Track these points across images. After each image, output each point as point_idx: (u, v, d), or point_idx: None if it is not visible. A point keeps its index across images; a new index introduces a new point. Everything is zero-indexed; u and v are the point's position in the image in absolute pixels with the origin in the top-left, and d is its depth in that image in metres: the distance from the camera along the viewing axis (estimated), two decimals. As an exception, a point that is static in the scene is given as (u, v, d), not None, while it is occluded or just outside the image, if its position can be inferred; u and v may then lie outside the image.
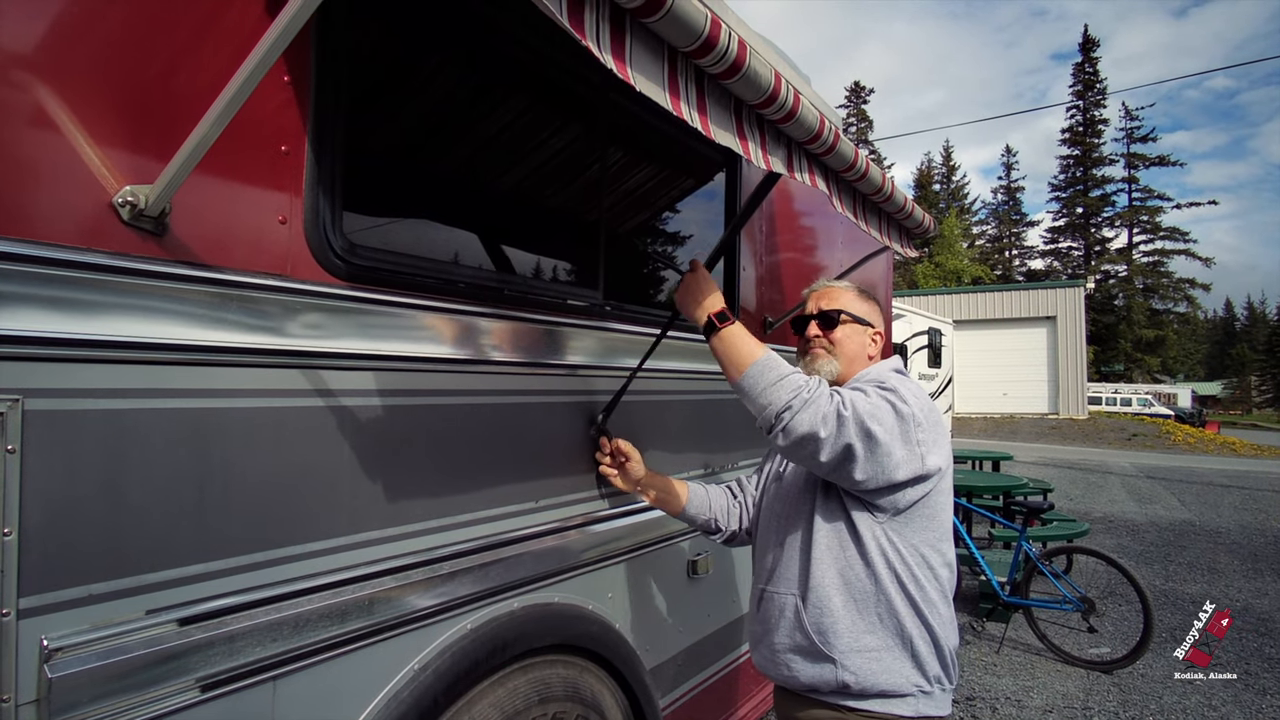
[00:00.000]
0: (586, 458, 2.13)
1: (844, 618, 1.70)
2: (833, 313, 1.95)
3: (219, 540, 1.25)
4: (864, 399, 1.64)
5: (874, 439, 1.59)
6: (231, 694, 1.26)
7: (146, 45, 1.17)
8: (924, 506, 1.71)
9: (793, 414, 1.57)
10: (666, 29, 1.44)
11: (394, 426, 1.56)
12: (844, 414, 1.58)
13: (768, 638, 1.84)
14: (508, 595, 1.82)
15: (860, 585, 1.70)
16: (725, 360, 1.73)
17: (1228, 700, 4.52)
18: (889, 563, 1.69)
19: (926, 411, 1.71)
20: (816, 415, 1.56)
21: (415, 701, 1.56)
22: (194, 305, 1.22)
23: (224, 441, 1.25)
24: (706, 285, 1.86)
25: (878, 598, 1.69)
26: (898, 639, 1.68)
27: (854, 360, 1.93)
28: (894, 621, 1.68)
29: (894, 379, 1.79)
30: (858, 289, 2.03)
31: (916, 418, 1.66)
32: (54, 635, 1.05)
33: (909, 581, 1.70)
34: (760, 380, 1.64)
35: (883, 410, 1.63)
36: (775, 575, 1.85)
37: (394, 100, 1.78)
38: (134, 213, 1.13)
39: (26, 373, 1.02)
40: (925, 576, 1.71)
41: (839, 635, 1.69)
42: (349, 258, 1.48)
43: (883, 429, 1.60)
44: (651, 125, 2.47)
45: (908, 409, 1.66)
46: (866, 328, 1.97)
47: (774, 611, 1.82)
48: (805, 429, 1.57)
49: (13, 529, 1.01)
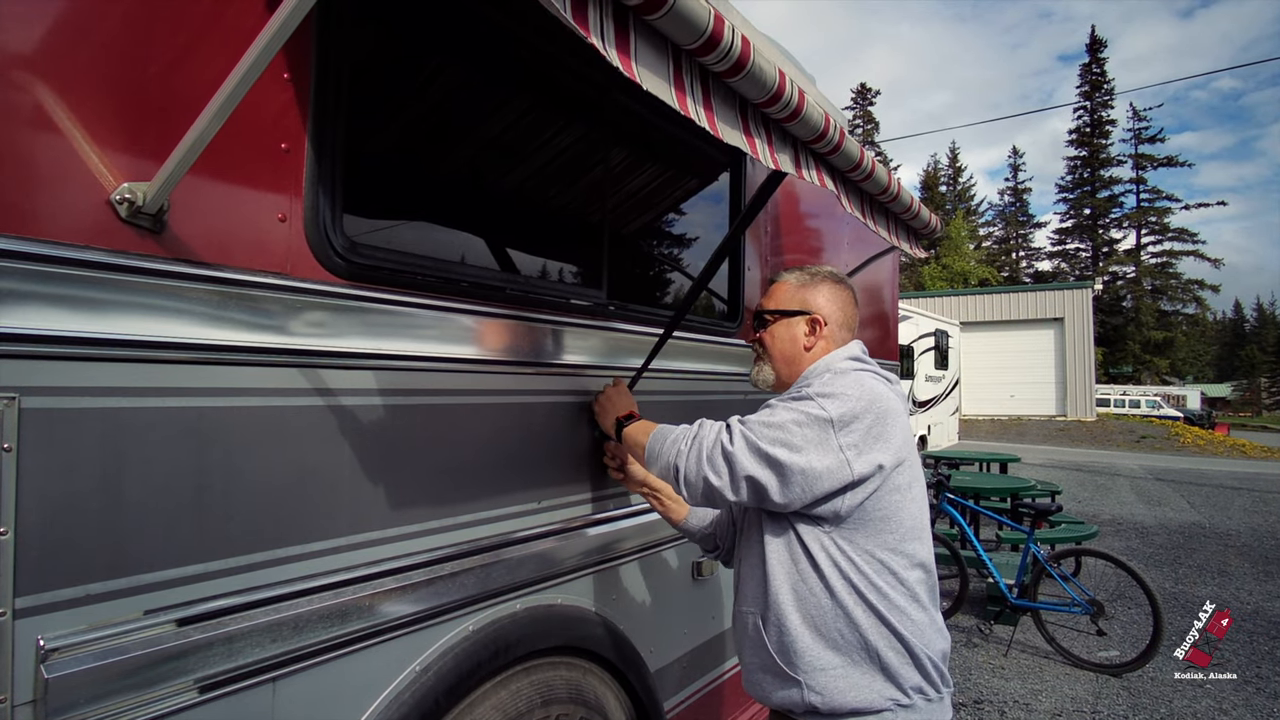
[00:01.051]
0: (590, 458, 2.12)
1: (802, 635, 1.60)
2: (763, 313, 1.87)
3: (218, 540, 1.24)
4: (761, 423, 1.56)
5: (777, 462, 1.51)
6: (230, 695, 1.25)
7: (144, 41, 1.16)
8: (873, 510, 1.58)
9: (682, 470, 1.58)
10: (669, 26, 1.43)
11: (394, 426, 1.55)
12: (730, 449, 1.53)
13: (743, 656, 1.77)
14: (510, 596, 1.81)
15: (815, 600, 1.59)
16: (634, 452, 1.78)
17: (1239, 704, 4.48)
18: (843, 573, 1.58)
19: (862, 409, 1.57)
20: (701, 462, 1.57)
21: (416, 703, 1.54)
22: (192, 303, 1.21)
23: (222, 441, 1.25)
24: (620, 396, 1.95)
25: (835, 611, 1.58)
26: (863, 653, 1.57)
27: (788, 359, 1.82)
28: (856, 635, 1.57)
29: (834, 378, 1.65)
30: (801, 273, 1.89)
31: (841, 420, 1.54)
32: (51, 635, 1.04)
33: (868, 590, 1.58)
34: (655, 453, 1.67)
35: (787, 428, 1.53)
36: (740, 592, 1.78)
37: (395, 98, 1.77)
38: (132, 210, 1.12)
39: (23, 370, 1.02)
40: (887, 583, 1.59)
41: (799, 654, 1.59)
42: (349, 256, 1.47)
43: (786, 450, 1.51)
44: (655, 125, 2.46)
45: (826, 414, 1.54)
46: (799, 317, 1.82)
47: (742, 630, 1.76)
48: (695, 478, 1.57)
49: (9, 528, 1.00)
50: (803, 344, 1.81)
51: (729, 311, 2.92)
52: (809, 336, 1.82)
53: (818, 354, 1.80)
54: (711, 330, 2.72)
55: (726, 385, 2.79)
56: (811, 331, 1.81)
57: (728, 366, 2.79)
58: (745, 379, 2.86)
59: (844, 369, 1.71)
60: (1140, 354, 50.31)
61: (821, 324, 1.81)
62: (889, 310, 4.79)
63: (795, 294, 1.85)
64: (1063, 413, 28.35)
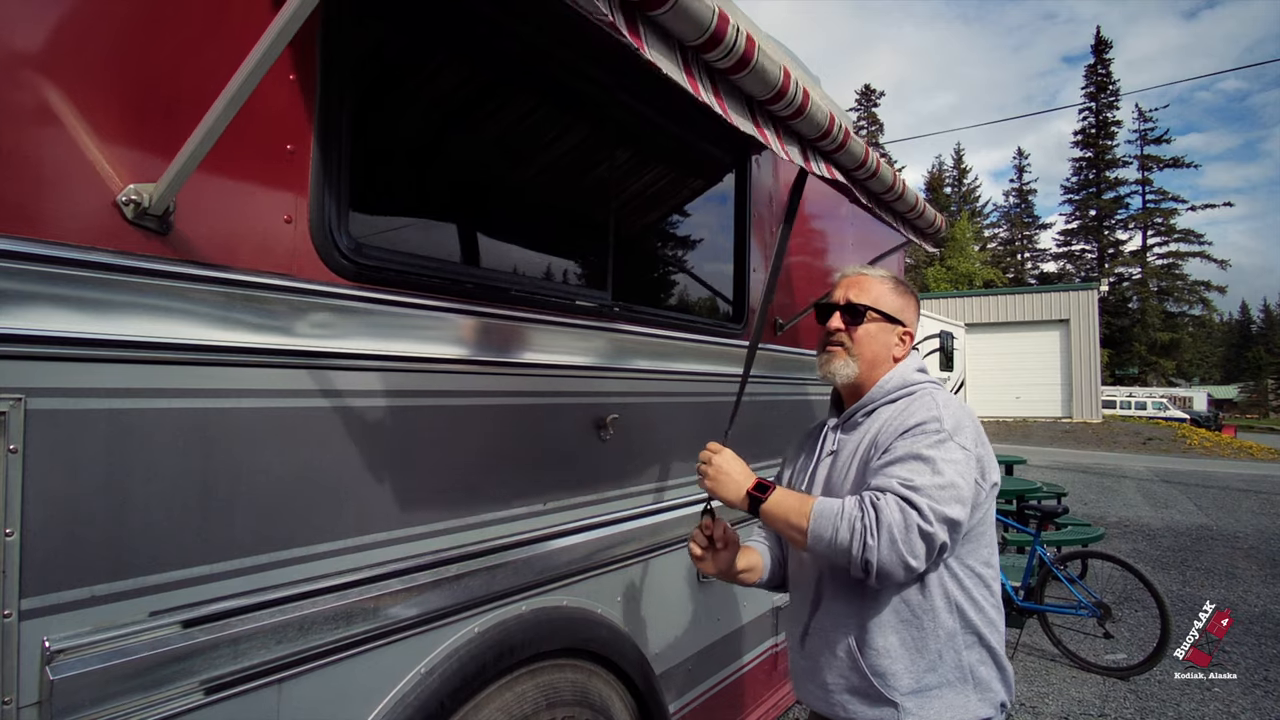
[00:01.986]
0: (594, 459, 2.11)
1: (903, 657, 1.57)
2: (860, 306, 1.78)
3: (223, 541, 1.24)
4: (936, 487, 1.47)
5: (958, 522, 1.48)
6: (236, 697, 1.25)
7: (150, 43, 1.16)
8: (976, 525, 1.61)
9: (875, 562, 1.44)
10: (674, 22, 1.44)
11: (399, 427, 1.55)
12: (928, 529, 1.43)
13: (818, 676, 1.70)
14: (516, 598, 1.81)
15: (918, 621, 1.58)
16: (783, 528, 1.60)
17: (1247, 707, 4.45)
18: (946, 591, 1.58)
19: (974, 430, 1.60)
20: (897, 548, 1.43)
21: (421, 705, 1.54)
22: (198, 305, 1.21)
23: (227, 442, 1.25)
24: (732, 464, 1.73)
25: (936, 632, 1.57)
26: (958, 672, 1.57)
27: (875, 364, 1.77)
28: (954, 655, 1.57)
29: (931, 400, 1.65)
30: (895, 280, 1.84)
31: (976, 453, 1.56)
32: (56, 637, 1.04)
33: (968, 606, 1.59)
34: (823, 537, 1.51)
35: (956, 484, 1.49)
36: (822, 610, 1.70)
37: (401, 99, 1.77)
38: (138, 211, 1.12)
39: (29, 372, 1.02)
40: (982, 596, 1.61)
41: (898, 677, 1.57)
42: (355, 257, 1.47)
43: (962, 506, 1.48)
44: (660, 125, 2.45)
45: (969, 449, 1.54)
46: (895, 326, 1.79)
47: (823, 650, 1.69)
48: (893, 565, 1.44)
49: (15, 529, 1.00)
50: (893, 354, 1.79)
51: (734, 313, 2.91)
52: (899, 347, 1.80)
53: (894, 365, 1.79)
54: (715, 331, 2.72)
55: (732, 387, 2.78)
56: (901, 343, 1.80)
57: (732, 368, 2.78)
58: (749, 380, 2.85)
59: (926, 385, 1.71)
60: (1146, 356, 50.13)
61: (911, 337, 1.83)
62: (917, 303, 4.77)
63: (894, 299, 1.81)
64: (1068, 415, 28.25)
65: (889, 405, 1.71)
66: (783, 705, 3.15)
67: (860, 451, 1.69)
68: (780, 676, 3.19)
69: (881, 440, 1.63)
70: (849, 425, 1.79)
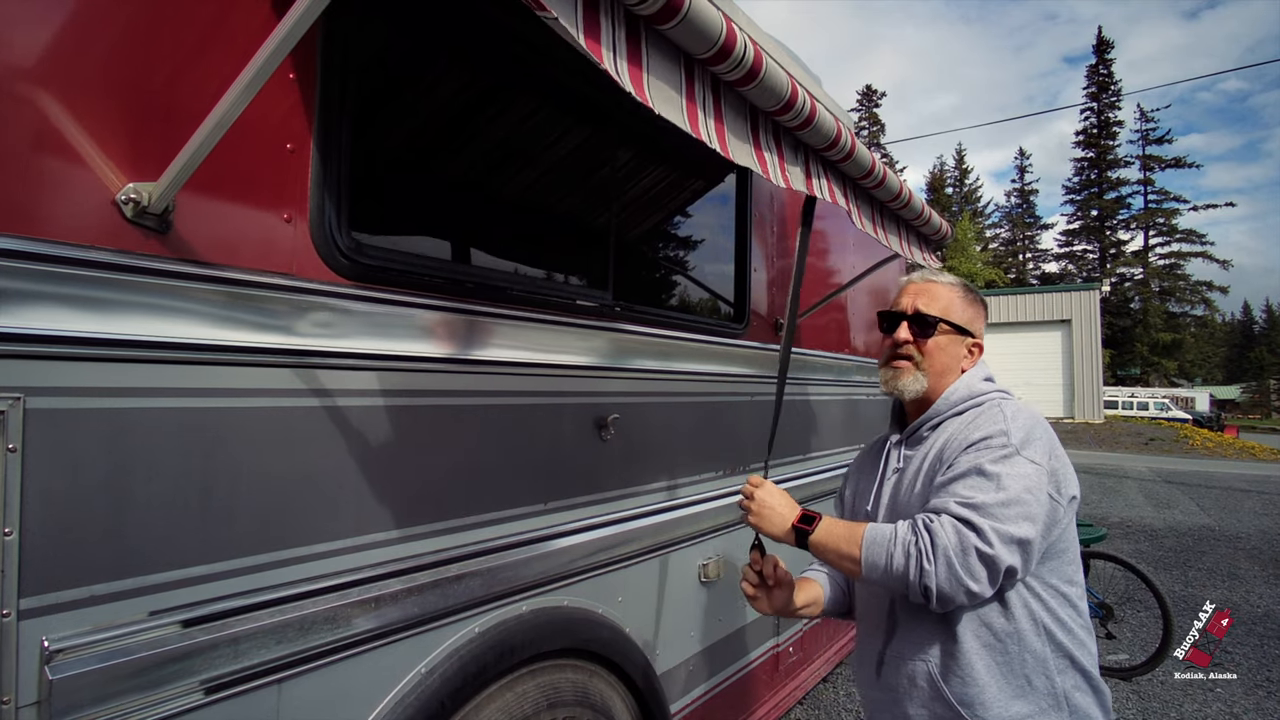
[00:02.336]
0: (595, 459, 2.11)
1: (990, 685, 1.48)
2: (930, 317, 1.69)
3: (223, 541, 1.24)
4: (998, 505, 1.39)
5: (1027, 541, 1.39)
6: (236, 697, 1.25)
7: (151, 43, 1.16)
8: (1057, 542, 1.51)
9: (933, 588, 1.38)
10: (682, 36, 1.43)
11: (399, 427, 1.55)
12: (989, 551, 1.36)
13: (896, 708, 1.60)
14: (516, 598, 1.81)
15: (1003, 645, 1.49)
16: (835, 559, 1.55)
17: (1250, 708, 4.44)
18: (1031, 612, 1.49)
19: (1049, 443, 1.51)
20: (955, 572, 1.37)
21: (422, 706, 1.54)
22: (197, 304, 1.21)
23: (227, 441, 1.24)
24: (775, 497, 1.68)
25: (1023, 656, 1.48)
26: (1051, 699, 1.47)
27: (944, 375, 1.69)
28: (1046, 680, 1.48)
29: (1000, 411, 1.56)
30: (964, 287, 1.76)
31: (1049, 466, 1.47)
32: (55, 636, 1.04)
33: (1055, 627, 1.50)
34: (877, 565, 1.45)
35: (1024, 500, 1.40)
36: (897, 638, 1.62)
37: (401, 99, 1.77)
38: (137, 210, 1.12)
39: (28, 371, 1.02)
40: (1069, 615, 1.52)
41: (987, 706, 1.47)
42: (355, 257, 1.47)
43: (1031, 524, 1.39)
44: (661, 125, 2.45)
45: (1039, 464, 1.45)
46: (965, 338, 1.71)
47: (901, 679, 1.59)
48: (952, 590, 1.38)
49: (14, 529, 1.00)
50: (961, 366, 1.71)
51: (735, 314, 2.91)
52: (968, 359, 1.73)
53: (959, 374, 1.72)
54: (718, 331, 2.72)
55: (733, 387, 2.78)
56: (969, 355, 1.73)
57: (734, 368, 2.78)
58: (750, 380, 2.86)
59: (994, 396, 1.64)
60: (1148, 356, 50.06)
61: (980, 349, 1.75)
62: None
63: (964, 310, 1.73)
64: (1070, 415, 28.21)
65: (955, 418, 1.63)
66: (784, 706, 3.15)
67: (925, 468, 1.60)
68: (782, 677, 3.19)
69: (947, 455, 1.55)
70: (913, 440, 1.71)
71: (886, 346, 1.74)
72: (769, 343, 3.04)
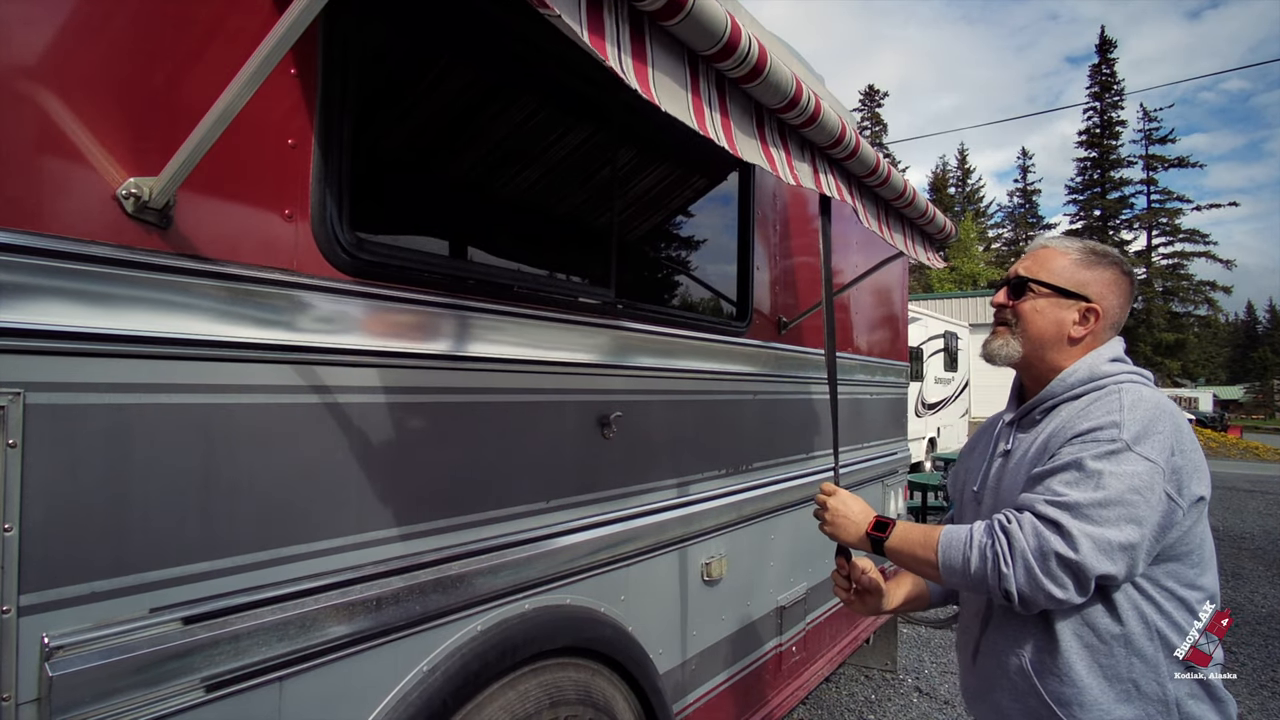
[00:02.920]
0: (597, 457, 2.10)
1: (1091, 686, 1.39)
2: (1026, 280, 1.59)
3: (224, 538, 1.23)
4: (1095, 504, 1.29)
5: (1130, 546, 1.29)
6: (237, 694, 1.24)
7: (153, 38, 1.16)
8: (1180, 543, 1.39)
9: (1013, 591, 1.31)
10: (687, 32, 1.43)
11: (401, 424, 1.54)
12: (1074, 558, 1.26)
13: (990, 695, 1.56)
14: (519, 596, 1.80)
15: (1107, 647, 1.40)
16: (913, 565, 1.52)
17: (1254, 709, 4.42)
18: (1142, 615, 1.39)
19: (1174, 437, 1.36)
20: (1034, 577, 1.29)
21: (424, 704, 1.53)
22: (198, 299, 1.20)
23: (228, 437, 1.24)
24: (849, 505, 1.66)
25: (1130, 660, 1.38)
26: (1161, 706, 1.37)
27: (1043, 343, 1.57)
28: (1156, 687, 1.38)
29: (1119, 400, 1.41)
30: (1085, 249, 1.60)
31: (1166, 463, 1.34)
32: (55, 633, 1.04)
33: (1171, 631, 1.39)
34: (954, 569, 1.41)
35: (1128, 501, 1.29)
36: (993, 627, 1.56)
37: (403, 95, 1.77)
38: (138, 205, 1.11)
39: (28, 366, 1.01)
40: (1185, 620, 1.40)
41: (1086, 708, 1.39)
42: (356, 253, 1.46)
43: (1136, 527, 1.29)
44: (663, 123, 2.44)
45: (1154, 461, 1.32)
46: (1072, 302, 1.56)
47: (994, 669, 1.54)
48: (1033, 594, 1.30)
49: (14, 525, 0.99)
50: (1069, 334, 1.56)
51: (738, 312, 2.90)
52: (1078, 326, 1.56)
53: (1079, 351, 1.56)
54: (720, 329, 2.71)
55: (735, 385, 2.77)
56: (1082, 321, 1.56)
57: (736, 366, 2.78)
58: (754, 379, 2.85)
59: (1118, 379, 1.49)
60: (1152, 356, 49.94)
61: (1097, 316, 1.56)
62: (899, 312, 4.77)
63: (1074, 272, 1.57)
64: (1073, 415, 28.13)
65: (1072, 402, 1.51)
66: (787, 706, 3.14)
67: (1030, 455, 1.50)
68: (785, 676, 3.18)
69: (1052, 445, 1.44)
70: (1026, 423, 1.60)
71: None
72: (771, 341, 3.03)
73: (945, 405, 16.92)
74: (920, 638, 5.69)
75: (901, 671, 4.96)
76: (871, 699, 4.54)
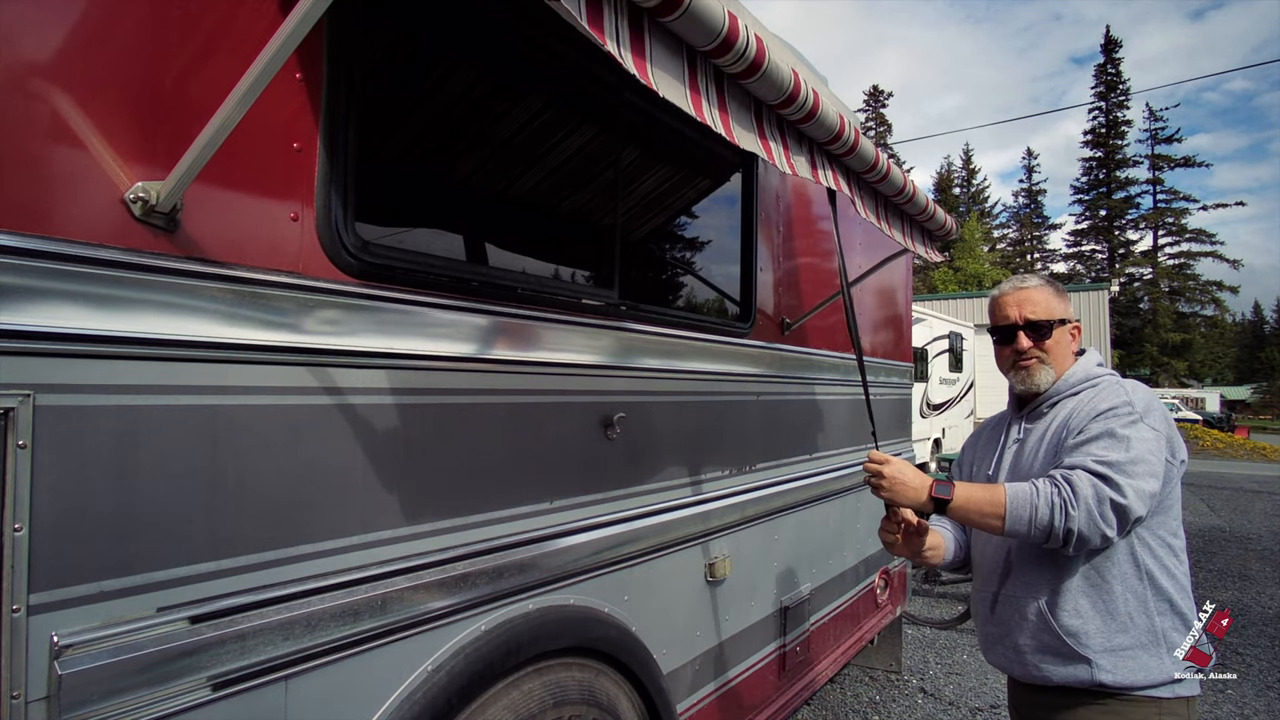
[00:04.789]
0: (601, 458, 2.11)
1: (1094, 618, 1.73)
2: (1043, 323, 1.94)
3: (231, 538, 1.24)
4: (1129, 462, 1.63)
5: (1153, 494, 1.64)
6: (243, 693, 1.25)
7: (158, 42, 1.17)
8: (1169, 497, 1.76)
9: (1076, 531, 1.60)
10: (685, 28, 1.44)
11: (406, 425, 1.55)
12: (1123, 502, 1.60)
13: (1009, 639, 1.87)
14: (523, 596, 1.81)
15: (1108, 585, 1.74)
16: (978, 519, 1.74)
17: (1260, 710, 4.41)
18: (1136, 558, 1.74)
19: (1157, 408, 1.75)
20: (1094, 520, 1.60)
21: (429, 703, 1.54)
22: (205, 302, 1.21)
23: (235, 438, 1.25)
24: (905, 472, 1.82)
25: (1125, 596, 1.72)
26: (1150, 635, 1.72)
27: (1064, 362, 1.95)
28: (1146, 619, 1.72)
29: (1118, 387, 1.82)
30: (1049, 283, 2.00)
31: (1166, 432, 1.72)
32: (64, 632, 1.05)
33: (1159, 572, 1.74)
34: (1022, 518, 1.66)
35: (1147, 460, 1.65)
36: (1012, 578, 1.87)
37: (408, 97, 1.78)
38: (145, 209, 1.13)
39: (38, 368, 1.02)
40: (1173, 564, 1.76)
41: (1090, 636, 1.73)
42: (361, 255, 1.47)
43: (1156, 480, 1.64)
44: (667, 124, 2.45)
45: (1159, 430, 1.70)
46: (1066, 325, 1.97)
47: (1014, 614, 1.85)
48: (1091, 534, 1.61)
49: (24, 524, 1.01)
50: (1072, 349, 1.98)
51: (741, 313, 2.90)
52: (1074, 342, 2.00)
53: (1074, 358, 1.97)
54: (724, 331, 2.72)
55: (739, 386, 2.78)
56: (1074, 338, 2.00)
57: (740, 367, 2.78)
58: (757, 380, 2.85)
59: (1109, 377, 1.89)
60: (1158, 356, 49.78)
61: (1079, 329, 2.01)
62: (903, 312, 4.77)
63: (1060, 303, 1.98)
64: (1079, 416, 28.04)
65: (1073, 397, 1.88)
66: (791, 706, 3.14)
67: (1049, 436, 1.86)
68: (788, 677, 3.18)
69: (1075, 424, 1.78)
70: (1034, 415, 1.96)
71: (1008, 356, 1.99)
72: (775, 342, 3.03)
73: (950, 406, 16.88)
74: (925, 639, 5.68)
75: (906, 672, 4.96)
76: (876, 700, 4.53)
